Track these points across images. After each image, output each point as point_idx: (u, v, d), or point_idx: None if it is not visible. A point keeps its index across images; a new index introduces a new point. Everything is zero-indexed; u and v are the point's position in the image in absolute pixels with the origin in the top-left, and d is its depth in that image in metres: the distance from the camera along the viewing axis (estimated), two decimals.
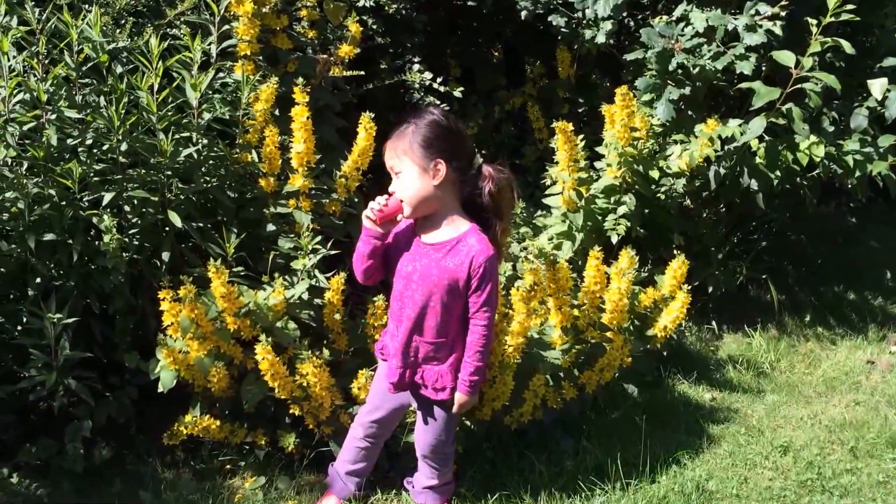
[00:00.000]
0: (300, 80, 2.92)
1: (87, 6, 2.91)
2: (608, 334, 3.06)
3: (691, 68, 3.43)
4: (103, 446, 2.91)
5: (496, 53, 4.61)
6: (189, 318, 2.64)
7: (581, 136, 3.54)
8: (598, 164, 3.69)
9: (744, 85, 3.34)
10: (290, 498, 2.76)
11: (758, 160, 3.48)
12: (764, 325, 3.96)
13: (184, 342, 2.71)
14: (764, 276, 4.05)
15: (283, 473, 2.87)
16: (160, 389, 2.73)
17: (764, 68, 3.53)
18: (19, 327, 2.78)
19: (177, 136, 2.86)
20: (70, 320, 2.71)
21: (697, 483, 2.84)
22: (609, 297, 3.01)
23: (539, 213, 4.01)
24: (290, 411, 2.76)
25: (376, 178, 3.18)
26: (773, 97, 3.23)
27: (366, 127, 2.98)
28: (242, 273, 2.90)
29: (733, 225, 4.03)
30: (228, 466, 2.92)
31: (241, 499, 2.77)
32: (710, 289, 3.86)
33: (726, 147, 3.49)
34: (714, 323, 3.93)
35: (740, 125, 3.39)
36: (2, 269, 2.76)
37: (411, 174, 2.30)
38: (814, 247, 4.55)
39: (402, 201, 2.32)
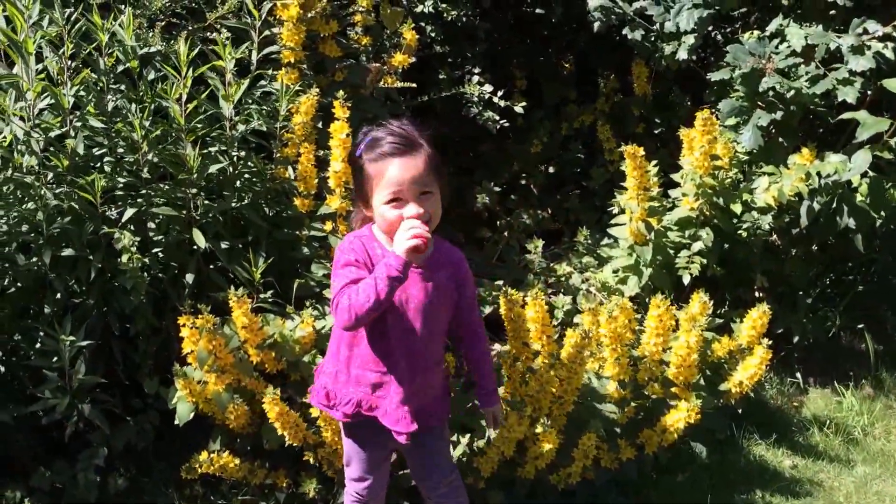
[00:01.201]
0: (340, 93, 2.66)
1: (122, 5, 2.72)
2: (674, 390, 2.71)
3: (785, 91, 3.04)
4: (119, 475, 2.73)
5: (566, 65, 4.27)
6: (207, 349, 2.42)
7: (654, 162, 3.19)
8: (672, 193, 3.33)
9: (848, 115, 2.93)
10: None
11: (859, 198, 3.06)
12: (857, 380, 3.51)
13: (202, 374, 2.49)
14: (860, 326, 3.59)
15: None
16: (177, 422, 2.53)
17: (869, 93, 3.11)
18: (37, 345, 2.63)
19: (206, 150, 2.65)
20: (85, 343, 2.53)
21: None
22: (676, 351, 2.65)
23: (605, 241, 3.67)
24: (305, 458, 2.51)
25: None
26: (881, 129, 2.81)
27: None
28: (270, 300, 2.67)
29: (826, 265, 3.60)
30: None
31: None
32: (797, 338, 3.43)
33: (821, 181, 3.08)
34: (799, 375, 3.51)
35: (841, 161, 2.97)
36: (19, 284, 2.60)
37: (438, 196, 1.98)
38: None
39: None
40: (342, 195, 2.71)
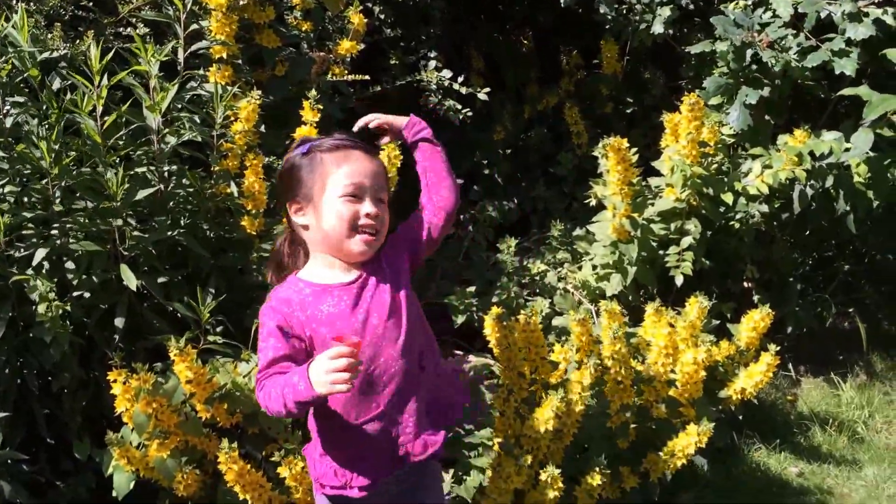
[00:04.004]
0: (313, 92, 2.31)
1: (12, 1, 2.27)
2: (681, 410, 2.46)
3: (772, 65, 2.77)
4: None
5: (526, 42, 3.93)
6: (145, 412, 2.05)
7: (634, 150, 2.89)
8: (654, 182, 3.05)
9: (849, 91, 2.68)
10: None
11: (857, 179, 2.83)
12: (850, 366, 3.32)
13: (141, 438, 2.12)
14: (851, 310, 3.40)
15: None
16: (115, 494, 2.16)
17: (866, 68, 2.86)
18: None
19: (132, 171, 2.25)
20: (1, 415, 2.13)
21: None
22: (682, 369, 2.39)
23: (577, 231, 3.38)
24: None
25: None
26: (889, 107, 2.57)
27: (390, 157, 2.35)
28: (220, 341, 2.30)
29: (812, 249, 3.38)
30: None
31: None
32: (790, 328, 3.22)
33: (815, 163, 2.83)
34: (790, 365, 3.30)
35: (836, 139, 2.73)
36: None
37: (387, 208, 1.71)
38: None
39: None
40: None
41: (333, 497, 1.74)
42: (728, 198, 2.86)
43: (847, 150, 2.78)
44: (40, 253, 2.10)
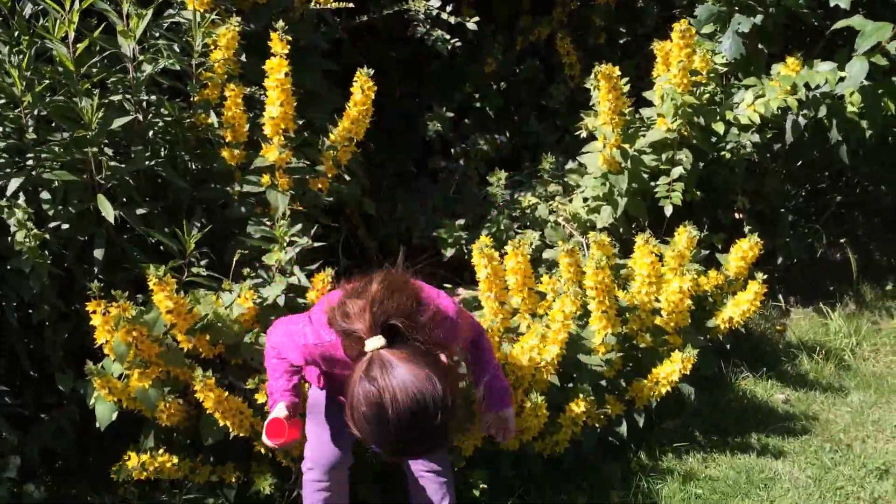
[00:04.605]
0: (280, 23, 2.23)
1: None
2: (666, 338, 2.45)
3: None
4: (35, 485, 2.36)
5: None
6: (125, 341, 2.04)
7: (626, 80, 2.83)
8: (645, 112, 3.00)
9: (843, 23, 2.60)
10: None
11: (849, 109, 2.77)
12: (840, 296, 3.31)
13: (122, 369, 2.12)
14: (843, 240, 3.37)
15: None
16: (98, 425, 2.17)
17: None
18: None
19: (108, 99, 2.20)
20: None
21: None
22: (668, 298, 2.37)
23: (569, 164, 3.35)
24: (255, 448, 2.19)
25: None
26: (883, 37, 2.50)
27: (363, 88, 2.30)
28: (204, 273, 2.28)
29: (804, 180, 3.34)
30: None
31: None
32: (780, 259, 3.20)
33: (809, 93, 2.78)
34: (780, 296, 3.29)
35: (831, 70, 2.67)
36: None
37: None
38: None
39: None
40: (281, 144, 2.30)
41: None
42: (719, 127, 2.81)
43: (842, 79, 2.72)
44: (14, 183, 2.07)
